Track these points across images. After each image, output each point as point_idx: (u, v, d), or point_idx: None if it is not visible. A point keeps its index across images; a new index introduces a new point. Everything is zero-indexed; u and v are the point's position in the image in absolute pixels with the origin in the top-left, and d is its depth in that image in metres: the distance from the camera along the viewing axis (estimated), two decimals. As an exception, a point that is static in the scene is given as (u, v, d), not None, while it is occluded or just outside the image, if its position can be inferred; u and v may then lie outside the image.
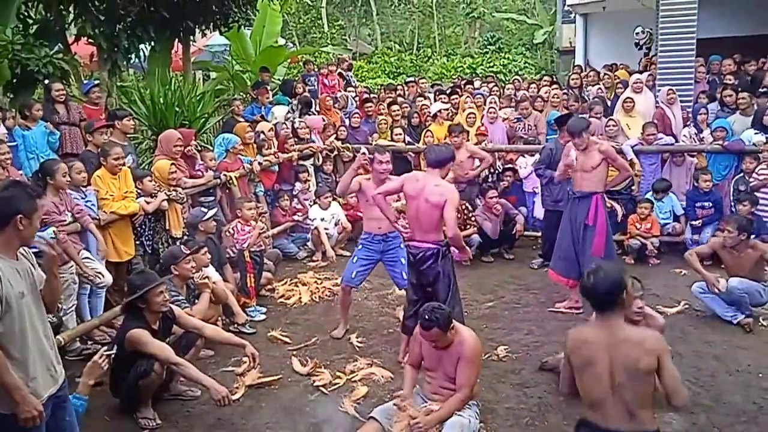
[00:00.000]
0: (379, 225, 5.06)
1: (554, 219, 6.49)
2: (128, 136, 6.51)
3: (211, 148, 7.24)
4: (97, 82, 8.21)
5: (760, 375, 4.40)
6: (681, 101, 7.98)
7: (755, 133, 6.90)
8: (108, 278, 5.06)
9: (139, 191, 5.56)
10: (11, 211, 2.58)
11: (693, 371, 4.49)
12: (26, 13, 8.11)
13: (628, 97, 7.80)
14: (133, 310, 4.05)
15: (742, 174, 6.86)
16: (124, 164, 5.45)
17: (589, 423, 2.75)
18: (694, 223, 6.94)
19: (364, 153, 5.30)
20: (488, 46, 22.37)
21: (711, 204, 6.86)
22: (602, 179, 5.49)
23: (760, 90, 7.76)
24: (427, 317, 3.53)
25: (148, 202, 5.53)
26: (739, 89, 7.68)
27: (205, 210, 5.55)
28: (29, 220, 2.62)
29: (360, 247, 5.24)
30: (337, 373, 4.55)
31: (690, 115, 7.94)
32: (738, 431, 3.76)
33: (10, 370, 2.55)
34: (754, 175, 6.62)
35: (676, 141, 7.42)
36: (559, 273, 5.66)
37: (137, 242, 5.58)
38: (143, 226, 5.59)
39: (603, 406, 2.68)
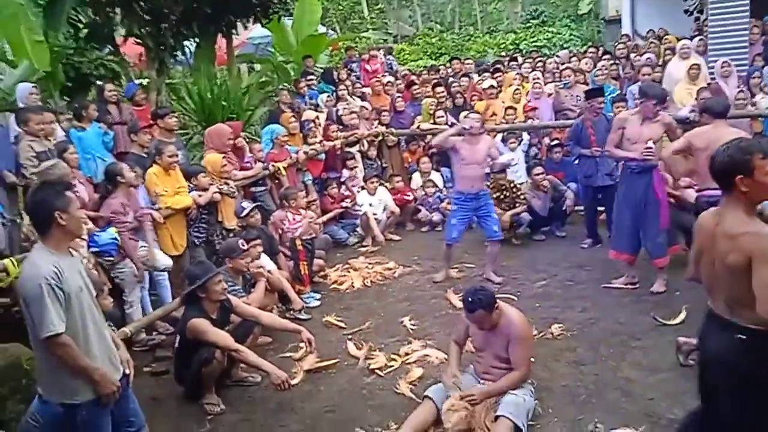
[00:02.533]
0: (471, 184, 5.70)
1: (590, 195, 6.58)
2: (177, 131, 6.69)
3: (258, 139, 7.39)
4: (139, 82, 8.42)
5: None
6: (736, 65, 7.66)
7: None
8: (168, 261, 5.23)
9: (192, 186, 5.72)
10: (48, 211, 2.70)
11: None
12: (76, 18, 8.39)
13: (694, 64, 7.53)
14: (193, 300, 4.20)
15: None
16: (177, 162, 5.61)
17: (708, 306, 2.71)
18: None
19: (461, 125, 5.85)
20: (531, 20, 21.87)
21: None
22: (658, 152, 5.33)
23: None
24: (470, 299, 3.56)
25: (200, 195, 5.69)
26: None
27: (245, 206, 5.65)
28: (68, 213, 2.74)
29: (455, 207, 5.86)
30: (392, 356, 4.61)
31: (745, 78, 7.64)
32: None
33: (82, 355, 2.70)
34: None
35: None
36: (619, 251, 5.51)
37: (195, 235, 5.75)
38: (197, 219, 5.76)
39: (711, 292, 2.64)
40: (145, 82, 8.86)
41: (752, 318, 2.41)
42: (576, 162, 6.81)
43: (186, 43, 9.18)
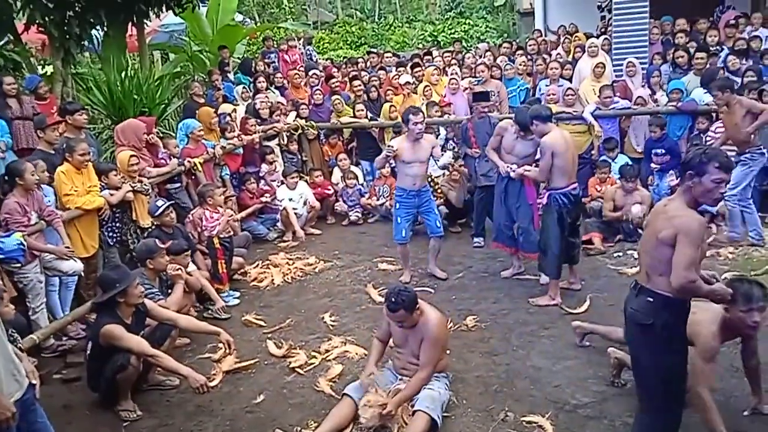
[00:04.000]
0: (414, 181, 5.72)
1: (478, 191, 6.73)
2: (87, 126, 6.43)
3: (173, 135, 7.21)
4: (43, 72, 7.99)
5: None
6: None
7: (704, 93, 7.09)
8: (79, 264, 5.05)
9: (104, 185, 5.54)
10: None
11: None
12: (-29, 4, 7.84)
13: (599, 63, 7.93)
14: (106, 305, 4.09)
15: (697, 133, 7.07)
16: (89, 160, 5.40)
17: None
18: (653, 165, 7.18)
19: (390, 146, 5.73)
20: (449, 12, 22.25)
21: (665, 150, 7.06)
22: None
23: (709, 50, 7.92)
24: (393, 299, 3.65)
25: (111, 194, 5.51)
26: (696, 49, 7.85)
27: (159, 205, 5.52)
28: None
29: (398, 206, 5.85)
30: (312, 353, 4.66)
31: (645, 77, 8.11)
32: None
33: None
34: (710, 133, 6.82)
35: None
36: (500, 243, 5.97)
37: (108, 235, 5.58)
38: (111, 219, 5.58)
39: (639, 262, 3.15)
40: (49, 72, 8.42)
41: (662, 285, 2.85)
42: (466, 160, 7.05)
43: (94, 31, 8.75)
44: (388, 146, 5.76)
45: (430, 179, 7.19)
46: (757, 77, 7.08)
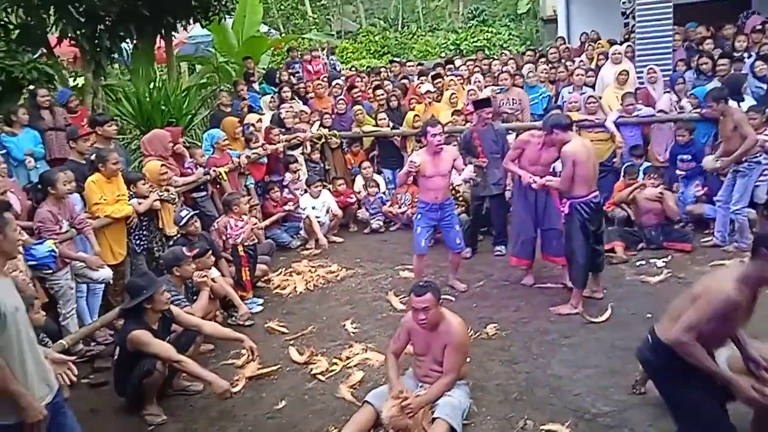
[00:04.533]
0: (436, 195, 5.60)
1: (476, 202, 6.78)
2: (116, 136, 6.60)
3: (200, 144, 7.35)
4: (74, 84, 8.22)
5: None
6: (661, 71, 8.06)
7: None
8: (108, 272, 5.19)
9: (132, 194, 5.68)
10: None
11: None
12: (6, 19, 8.11)
13: (623, 70, 7.90)
14: (133, 311, 4.20)
15: (720, 141, 6.98)
16: (120, 169, 5.56)
17: None
18: (678, 172, 7.11)
19: (412, 162, 5.54)
20: (472, 20, 22.28)
21: (691, 156, 6.96)
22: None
23: (734, 55, 7.84)
24: (421, 284, 3.76)
25: (139, 203, 5.65)
26: (719, 55, 7.78)
27: (183, 215, 5.64)
28: (3, 234, 2.73)
29: (419, 217, 5.78)
30: (334, 360, 4.72)
31: (669, 84, 8.04)
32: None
33: (13, 378, 2.69)
34: None
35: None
36: (521, 257, 5.92)
37: (135, 243, 5.71)
38: (138, 227, 5.72)
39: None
40: (80, 84, 8.66)
41: (666, 331, 2.91)
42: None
43: (123, 45, 8.98)
44: (411, 161, 5.60)
45: (452, 189, 7.23)
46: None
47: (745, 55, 8.15)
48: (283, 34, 17.97)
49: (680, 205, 7.00)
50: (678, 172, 7.10)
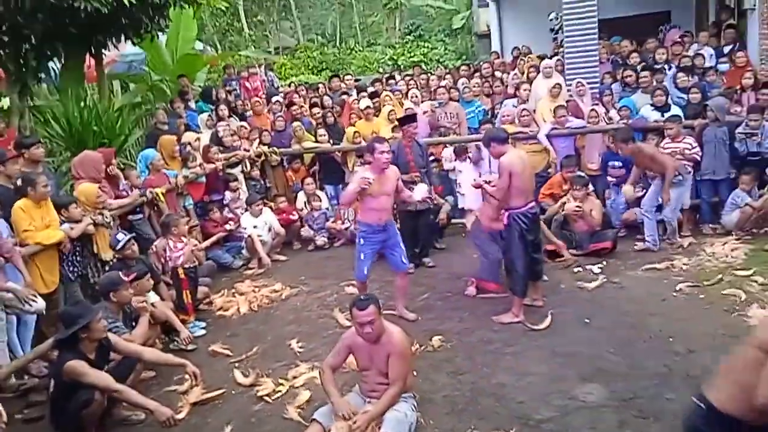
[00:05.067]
0: (380, 216, 5.34)
1: (406, 218, 6.78)
2: (45, 159, 6.37)
3: (134, 165, 7.18)
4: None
5: (671, 339, 4.78)
6: (588, 83, 8.39)
7: (653, 110, 7.39)
8: (41, 303, 4.97)
9: (63, 219, 5.49)
10: None
11: (611, 341, 4.83)
12: None
13: (556, 83, 8.17)
14: (68, 341, 4.05)
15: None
16: (50, 193, 5.36)
17: None
18: (609, 178, 7.39)
19: (365, 178, 5.19)
20: (408, 35, 22.62)
21: (621, 164, 7.25)
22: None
23: (656, 67, 8.26)
24: (362, 298, 3.79)
25: (72, 228, 5.47)
26: (641, 68, 8.17)
27: (119, 239, 5.50)
28: None
29: (362, 242, 5.44)
30: (280, 381, 4.67)
31: (597, 96, 8.38)
32: (652, 393, 4.08)
33: None
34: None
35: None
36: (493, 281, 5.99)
37: (69, 270, 5.50)
38: (71, 253, 5.52)
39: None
40: (5, 105, 8.32)
41: (728, 400, 2.54)
42: None
43: (51, 64, 8.69)
44: (363, 178, 5.21)
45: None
46: (702, 94, 7.42)
47: (666, 66, 8.58)
48: (219, 51, 17.78)
49: (612, 211, 7.28)
50: (609, 179, 7.40)
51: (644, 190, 7.08)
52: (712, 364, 4.30)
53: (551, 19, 11.86)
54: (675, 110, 7.32)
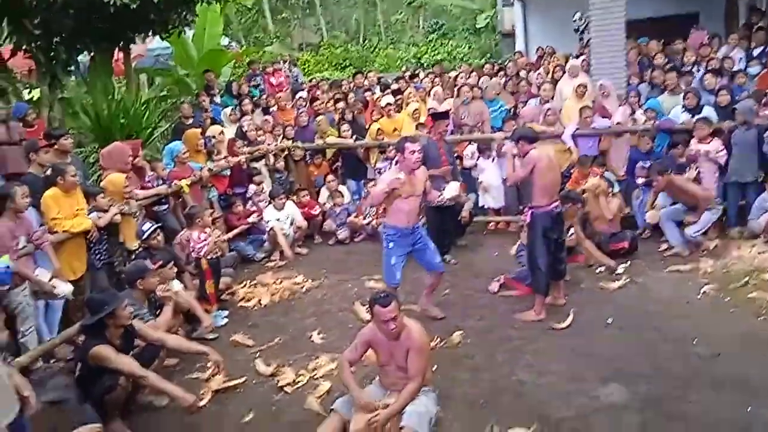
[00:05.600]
0: (408, 218, 5.15)
1: (432, 213, 6.73)
2: (73, 150, 6.48)
3: (160, 158, 7.27)
4: (30, 96, 8.02)
5: (695, 342, 4.72)
6: (614, 84, 8.31)
7: (682, 112, 7.29)
8: (68, 287, 5.04)
9: (91, 208, 5.58)
10: None
11: (634, 343, 4.79)
12: (-44, 32, 7.92)
13: (581, 84, 8.11)
14: (94, 327, 4.12)
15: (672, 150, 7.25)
16: (78, 182, 5.45)
17: None
18: (638, 181, 7.24)
19: (397, 179, 5.00)
20: (432, 33, 22.58)
21: (651, 163, 7.08)
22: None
23: (683, 69, 8.14)
24: (383, 295, 3.76)
25: (99, 217, 5.56)
26: (668, 69, 8.07)
27: (145, 229, 5.58)
28: None
29: (391, 245, 5.17)
30: (300, 372, 4.70)
31: (624, 97, 8.29)
32: (674, 396, 4.04)
33: None
34: (687, 150, 7.00)
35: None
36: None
37: (95, 257, 5.60)
38: (98, 242, 5.61)
39: None
40: (35, 97, 8.47)
41: None
42: None
43: (80, 57, 8.83)
44: (396, 178, 5.00)
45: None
46: (730, 97, 7.31)
47: (695, 68, 8.47)
48: (244, 47, 17.91)
49: (638, 214, 7.19)
50: (638, 180, 7.29)
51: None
52: (737, 369, 4.28)
53: (575, 20, 11.76)
54: (707, 111, 7.21)
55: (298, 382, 4.57)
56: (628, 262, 6.48)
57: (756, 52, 8.68)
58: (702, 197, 6.49)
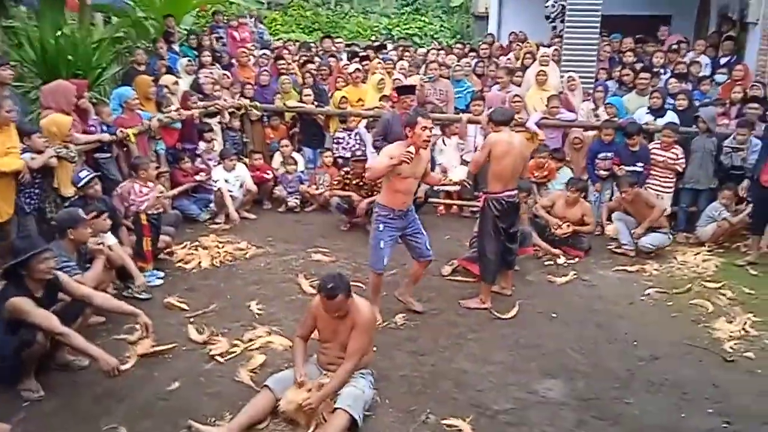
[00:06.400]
0: (404, 200, 4.76)
1: None
2: (12, 84, 6.02)
3: (107, 101, 6.85)
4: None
5: (635, 343, 4.73)
6: (582, 77, 8.25)
7: (646, 113, 7.29)
8: None
9: (25, 147, 5.19)
10: None
11: (576, 339, 4.77)
12: None
13: (541, 70, 8.00)
14: (15, 276, 3.81)
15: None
16: (13, 118, 5.05)
17: None
18: (599, 171, 7.20)
19: (408, 152, 4.51)
20: (405, 7, 22.19)
21: (613, 154, 7.10)
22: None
23: (653, 70, 8.13)
24: (331, 285, 3.52)
25: (33, 158, 5.18)
26: (641, 69, 8.04)
27: (82, 176, 5.23)
28: None
29: (381, 228, 4.77)
30: (235, 342, 4.50)
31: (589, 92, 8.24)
32: (610, 396, 4.02)
33: None
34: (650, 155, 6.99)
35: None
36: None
37: (25, 201, 5.23)
38: (30, 185, 5.24)
39: None
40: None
41: None
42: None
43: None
44: (407, 152, 4.49)
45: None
46: (688, 101, 7.33)
47: (662, 70, 8.49)
48: (210, -4, 17.15)
49: (596, 209, 7.16)
50: (598, 172, 7.24)
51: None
52: (673, 374, 4.29)
53: (547, 5, 11.62)
54: (670, 116, 7.22)
55: (232, 352, 4.37)
56: (576, 258, 6.47)
57: (723, 61, 8.75)
58: (659, 213, 6.47)
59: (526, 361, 4.41)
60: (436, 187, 5.61)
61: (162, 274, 5.66)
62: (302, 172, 8.13)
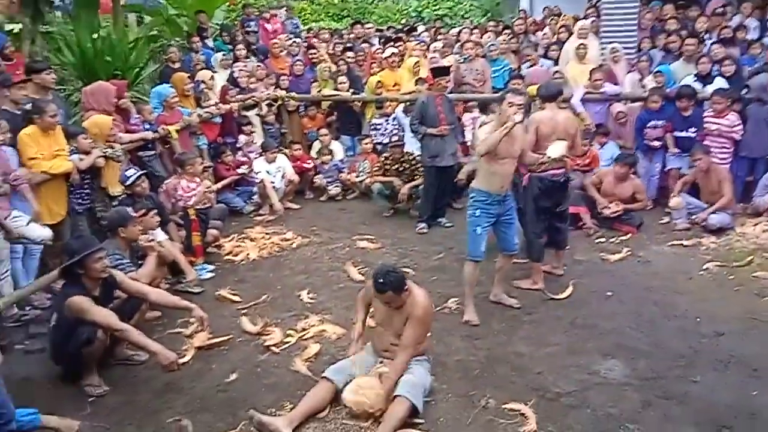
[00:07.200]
0: (502, 183, 4.54)
1: (433, 175, 6.56)
2: (55, 87, 6.11)
3: (147, 100, 6.92)
4: (10, 29, 7.59)
5: (698, 320, 4.58)
6: (624, 48, 7.99)
7: (694, 81, 7.02)
8: (46, 232, 4.78)
9: (73, 148, 5.27)
10: None
11: (634, 317, 4.64)
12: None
13: (581, 44, 7.77)
14: (72, 275, 3.88)
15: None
16: (58, 122, 5.12)
17: None
18: (648, 142, 6.93)
19: (512, 118, 4.32)
20: (434, -12, 21.89)
21: (665, 120, 6.84)
22: None
23: (701, 37, 7.83)
24: (381, 281, 3.48)
25: (81, 159, 5.26)
26: (687, 35, 7.75)
27: (129, 174, 5.29)
28: None
29: (477, 213, 4.58)
30: (288, 332, 4.51)
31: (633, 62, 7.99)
32: (675, 375, 3.90)
33: None
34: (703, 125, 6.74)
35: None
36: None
37: (76, 202, 5.32)
38: (80, 186, 5.32)
39: None
40: (16, 30, 8.01)
41: None
42: (421, 141, 6.62)
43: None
44: (511, 117, 4.30)
45: (412, 158, 7.03)
46: (736, 66, 7.01)
47: (706, 36, 8.17)
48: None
49: (647, 182, 6.94)
50: (649, 142, 6.97)
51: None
52: (740, 350, 4.14)
53: None
54: (719, 82, 6.94)
55: (286, 342, 4.38)
56: (629, 235, 6.30)
57: (772, 23, 8.38)
58: (728, 198, 6.25)
59: (584, 342, 4.31)
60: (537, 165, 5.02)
61: (212, 267, 5.71)
62: (341, 160, 8.10)
